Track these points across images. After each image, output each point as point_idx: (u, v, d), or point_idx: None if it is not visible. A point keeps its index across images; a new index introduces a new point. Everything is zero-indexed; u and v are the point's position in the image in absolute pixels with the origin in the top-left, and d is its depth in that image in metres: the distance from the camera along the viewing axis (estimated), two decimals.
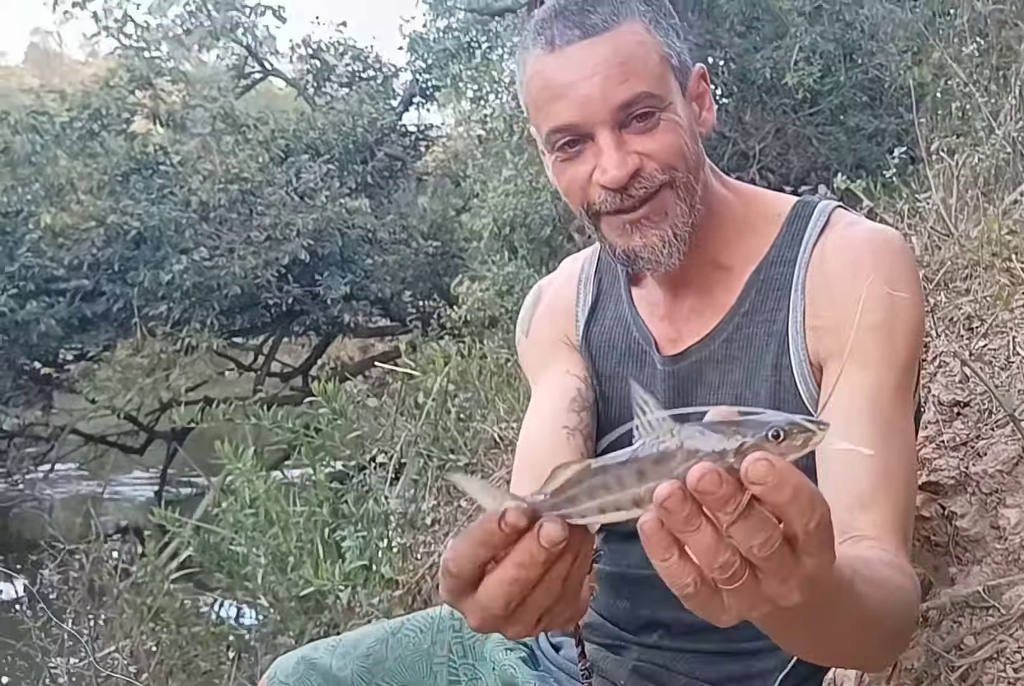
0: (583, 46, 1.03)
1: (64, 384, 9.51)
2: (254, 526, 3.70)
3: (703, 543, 0.59)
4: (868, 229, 1.12)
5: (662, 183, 1.06)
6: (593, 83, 1.02)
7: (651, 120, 1.04)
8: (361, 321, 9.99)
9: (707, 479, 0.57)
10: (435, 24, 10.68)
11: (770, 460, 0.57)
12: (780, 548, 0.60)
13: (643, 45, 1.04)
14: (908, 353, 1.04)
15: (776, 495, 0.58)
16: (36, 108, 9.83)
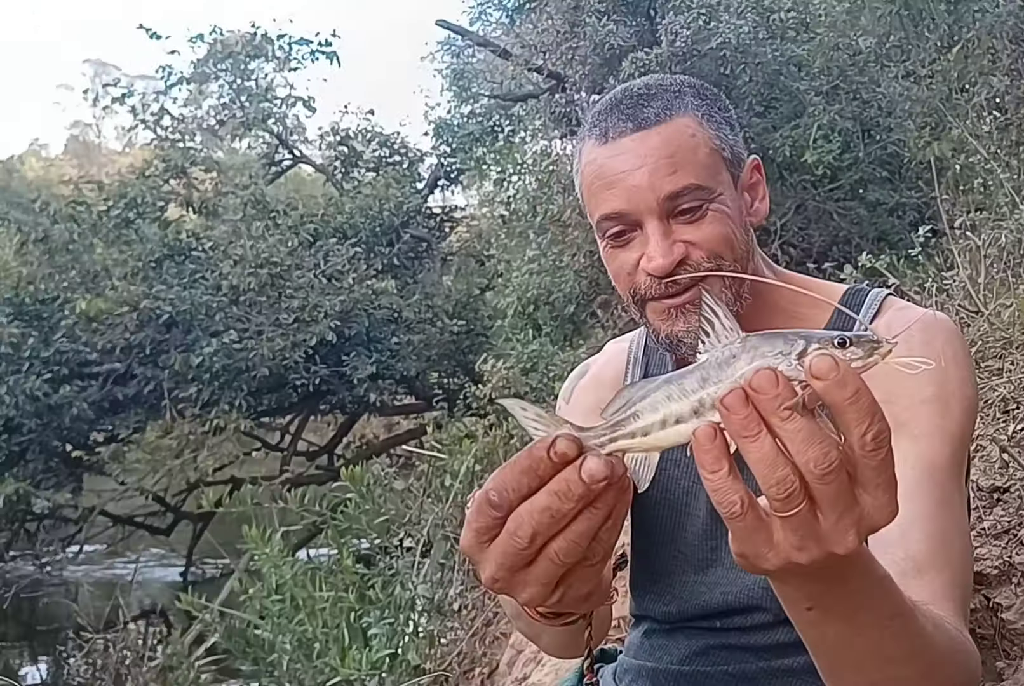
0: (634, 138, 1.06)
1: (94, 466, 9.56)
2: (280, 612, 3.65)
3: (761, 452, 0.58)
4: (918, 311, 1.14)
5: (708, 271, 1.07)
6: (642, 173, 1.04)
7: (698, 211, 1.06)
8: (386, 399, 10.01)
9: (762, 377, 0.57)
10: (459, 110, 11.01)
11: (834, 357, 0.57)
12: (838, 469, 0.58)
13: (694, 138, 1.06)
14: (961, 426, 1.03)
15: (837, 392, 0.57)
16: (75, 198, 10.16)
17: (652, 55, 6.12)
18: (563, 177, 6.65)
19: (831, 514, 0.59)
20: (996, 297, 2.42)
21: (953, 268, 2.88)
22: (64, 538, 9.78)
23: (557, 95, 8.05)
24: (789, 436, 0.58)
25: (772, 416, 0.57)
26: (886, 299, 1.14)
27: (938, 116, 5.33)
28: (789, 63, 6.23)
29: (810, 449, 0.58)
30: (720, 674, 1.15)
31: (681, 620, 1.17)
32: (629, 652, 1.26)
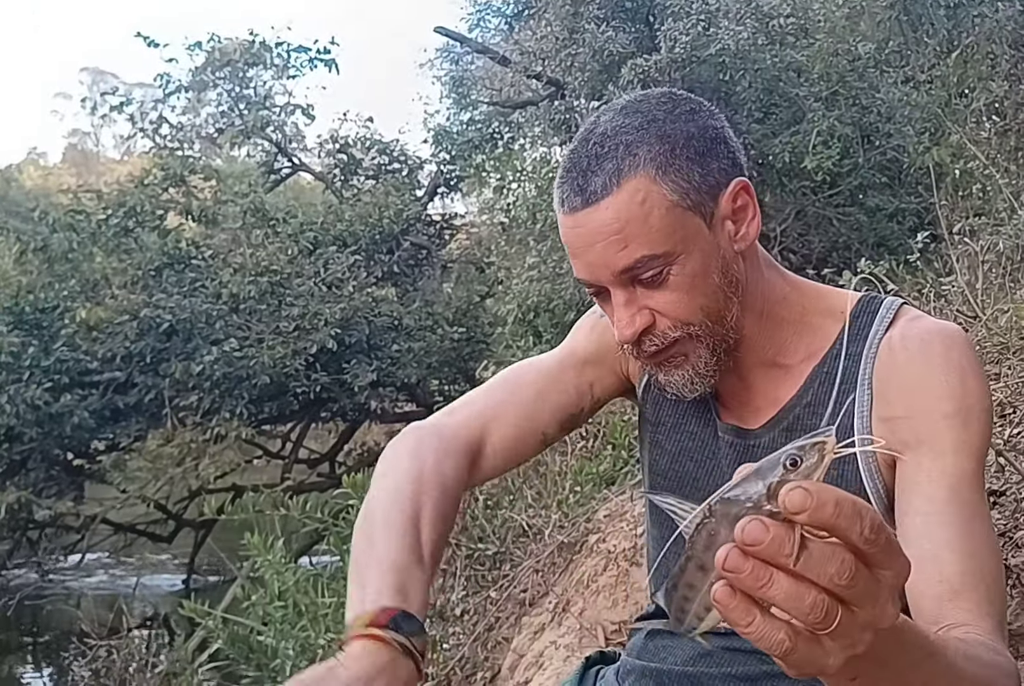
0: (585, 214, 1.04)
1: (95, 474, 9.57)
2: (283, 618, 3.64)
3: (784, 592, 0.58)
4: (933, 322, 1.13)
5: (674, 339, 1.08)
6: (595, 251, 1.04)
7: (659, 278, 1.05)
8: (387, 407, 10.02)
9: (751, 529, 0.57)
10: (458, 117, 11.04)
11: (802, 485, 0.57)
12: (859, 570, 0.58)
13: (644, 204, 1.03)
14: (982, 439, 1.04)
15: (821, 514, 0.57)
16: (74, 207, 10.17)
17: (651, 61, 6.15)
18: None
19: (866, 603, 0.59)
20: (994, 302, 2.43)
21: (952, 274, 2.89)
22: (66, 546, 9.80)
23: (556, 102, 8.08)
24: (802, 567, 0.58)
25: (780, 558, 0.57)
26: (901, 308, 1.13)
27: (937, 122, 5.35)
28: (788, 69, 6.26)
29: (827, 567, 0.58)
30: (724, 676, 1.16)
31: None
32: (632, 653, 1.26)
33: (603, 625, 2.61)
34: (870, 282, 2.85)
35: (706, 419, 1.20)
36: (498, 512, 3.67)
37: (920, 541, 0.95)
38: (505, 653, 2.95)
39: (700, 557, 0.61)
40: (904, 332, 1.09)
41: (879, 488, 1.06)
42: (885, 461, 1.06)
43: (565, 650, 2.63)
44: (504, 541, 3.42)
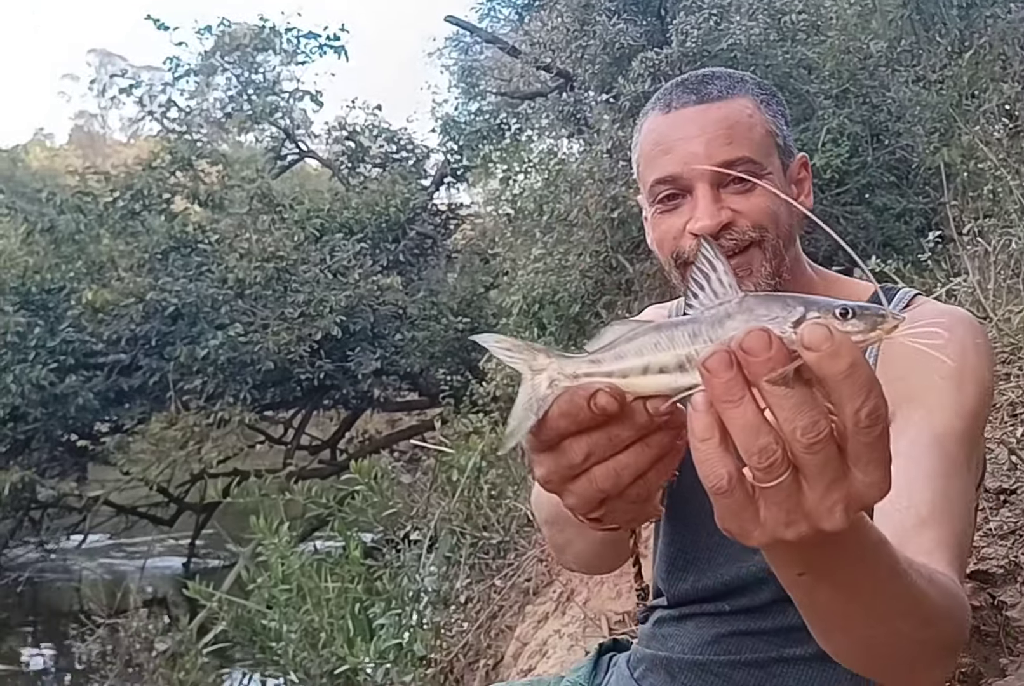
0: (696, 110, 1.12)
1: (99, 456, 9.60)
2: (287, 602, 3.69)
3: (744, 419, 0.54)
4: (941, 305, 1.19)
5: (752, 240, 1.12)
6: (699, 141, 1.11)
7: (748, 184, 1.11)
8: (390, 395, 10.05)
9: (754, 337, 0.53)
10: (466, 107, 11.03)
11: (829, 327, 0.53)
12: (826, 443, 0.54)
13: (751, 117, 1.13)
14: (975, 404, 1.06)
15: (830, 364, 0.53)
16: (81, 189, 10.18)
17: (662, 55, 6.14)
18: (570, 176, 6.66)
19: (817, 486, 0.56)
20: (1005, 303, 2.45)
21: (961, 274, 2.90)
22: (68, 527, 9.84)
23: (565, 94, 8.07)
24: (776, 402, 0.54)
25: (760, 380, 0.54)
26: (914, 298, 1.18)
27: (948, 122, 5.34)
28: (799, 66, 6.25)
29: (798, 417, 0.54)
30: (732, 663, 1.17)
31: (693, 599, 1.20)
32: (642, 641, 1.29)
33: (607, 615, 2.64)
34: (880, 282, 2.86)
35: None
36: (503, 501, 3.70)
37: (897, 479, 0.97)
38: (509, 641, 2.99)
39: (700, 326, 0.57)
40: (913, 313, 1.13)
41: None
42: None
43: (569, 639, 2.66)
44: (509, 530, 3.46)
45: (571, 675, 1.37)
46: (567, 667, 2.27)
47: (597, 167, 6.27)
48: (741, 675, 1.16)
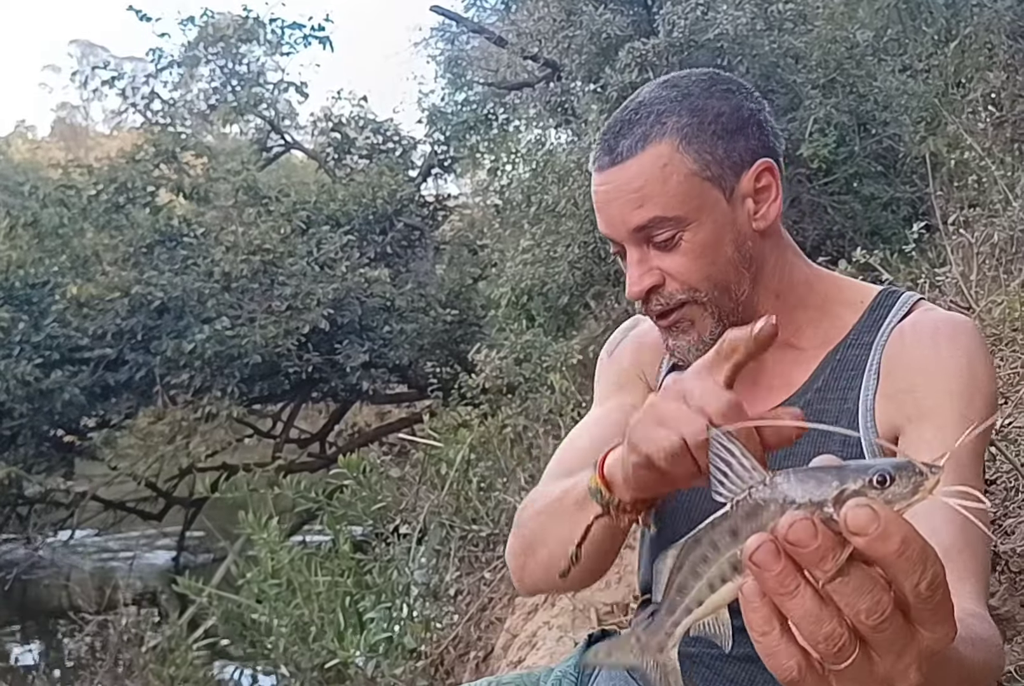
0: (610, 172, 1.11)
1: (86, 451, 9.57)
2: (277, 596, 3.68)
3: (803, 609, 0.53)
4: (945, 312, 1.17)
5: (679, 302, 1.12)
6: (614, 207, 1.11)
7: (670, 241, 1.10)
8: (379, 388, 10.04)
9: (799, 528, 0.52)
10: (453, 97, 10.99)
11: (873, 506, 0.52)
12: (892, 616, 0.53)
13: (666, 167, 1.09)
14: (985, 417, 1.05)
15: (881, 546, 0.52)
16: (64, 182, 10.10)
17: (649, 45, 6.12)
18: (558, 167, 6.65)
19: (888, 656, 0.54)
20: (988, 294, 2.46)
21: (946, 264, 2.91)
22: (56, 522, 9.81)
23: (552, 84, 8.04)
24: (834, 588, 0.53)
25: (815, 570, 0.52)
26: (917, 302, 1.17)
27: (934, 111, 5.35)
28: (786, 55, 6.24)
29: (859, 600, 0.52)
30: (724, 656, 1.15)
31: None
32: None
33: (596, 607, 2.65)
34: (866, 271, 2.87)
35: None
36: (492, 494, 3.71)
37: None
38: (498, 633, 2.99)
39: (737, 522, 0.56)
40: (915, 320, 1.13)
41: None
42: (888, 440, 1.08)
43: (558, 630, 2.67)
44: (498, 523, 3.46)
45: (561, 666, 1.37)
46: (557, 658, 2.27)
47: (584, 158, 6.25)
48: (732, 669, 1.17)
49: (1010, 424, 1.56)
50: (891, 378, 1.10)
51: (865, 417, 1.10)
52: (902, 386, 1.07)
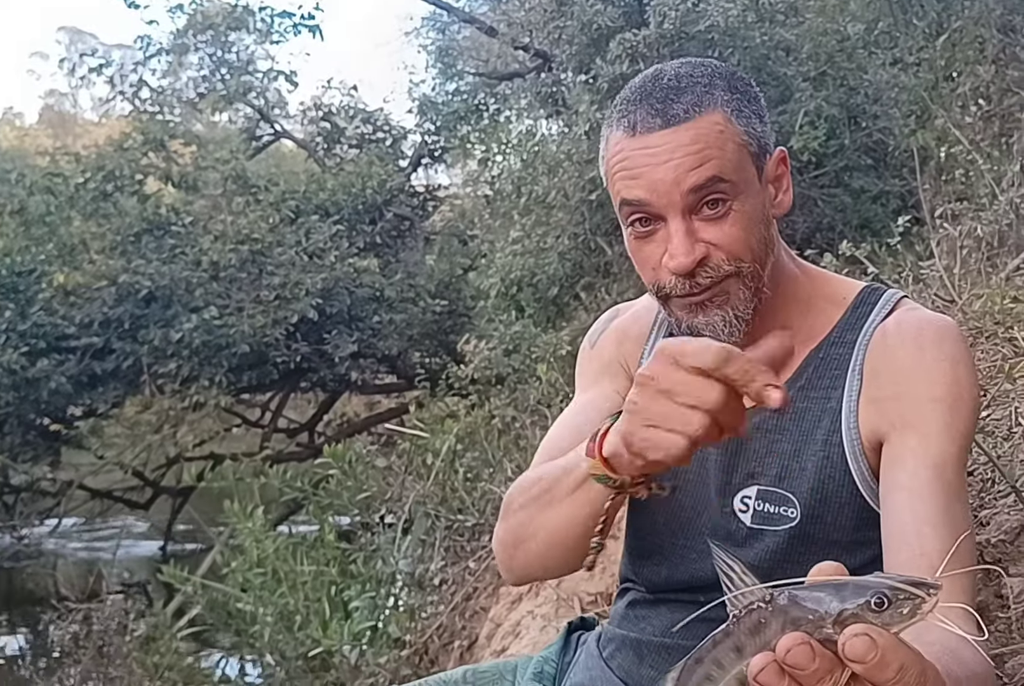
0: (663, 135, 1.06)
1: (72, 440, 9.54)
2: (262, 585, 3.69)
3: None
4: (929, 313, 1.16)
5: (727, 274, 1.08)
6: (667, 168, 1.05)
7: (721, 207, 1.06)
8: (368, 378, 10.03)
9: (797, 652, 0.53)
10: (444, 87, 10.95)
11: (871, 635, 0.52)
12: None
13: (722, 134, 1.07)
14: (967, 426, 1.06)
15: (879, 674, 0.52)
16: (51, 169, 10.04)
17: (640, 36, 6.10)
18: (548, 158, 6.64)
19: None
20: (971, 287, 2.47)
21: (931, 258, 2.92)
22: (42, 511, 9.79)
23: (543, 74, 8.02)
24: None
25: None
26: (900, 300, 1.16)
27: (923, 105, 5.35)
28: (777, 48, 6.23)
29: None
30: None
31: (667, 589, 1.20)
32: (613, 621, 1.29)
33: (580, 596, 2.66)
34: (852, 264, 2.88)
35: None
36: (478, 485, 3.71)
37: (903, 515, 0.99)
38: (483, 622, 3.00)
39: (741, 639, 0.57)
40: (899, 320, 1.12)
41: (863, 471, 1.08)
42: (870, 444, 1.08)
43: (542, 619, 2.68)
44: (483, 513, 3.47)
45: (542, 653, 1.38)
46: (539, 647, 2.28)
47: (575, 149, 6.25)
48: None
49: (987, 417, 1.57)
50: (875, 382, 1.09)
51: (848, 419, 1.10)
52: (887, 392, 1.07)
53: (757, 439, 1.15)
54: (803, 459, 1.11)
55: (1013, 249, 2.89)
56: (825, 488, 1.09)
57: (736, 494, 1.15)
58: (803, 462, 1.11)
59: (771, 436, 1.14)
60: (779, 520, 1.11)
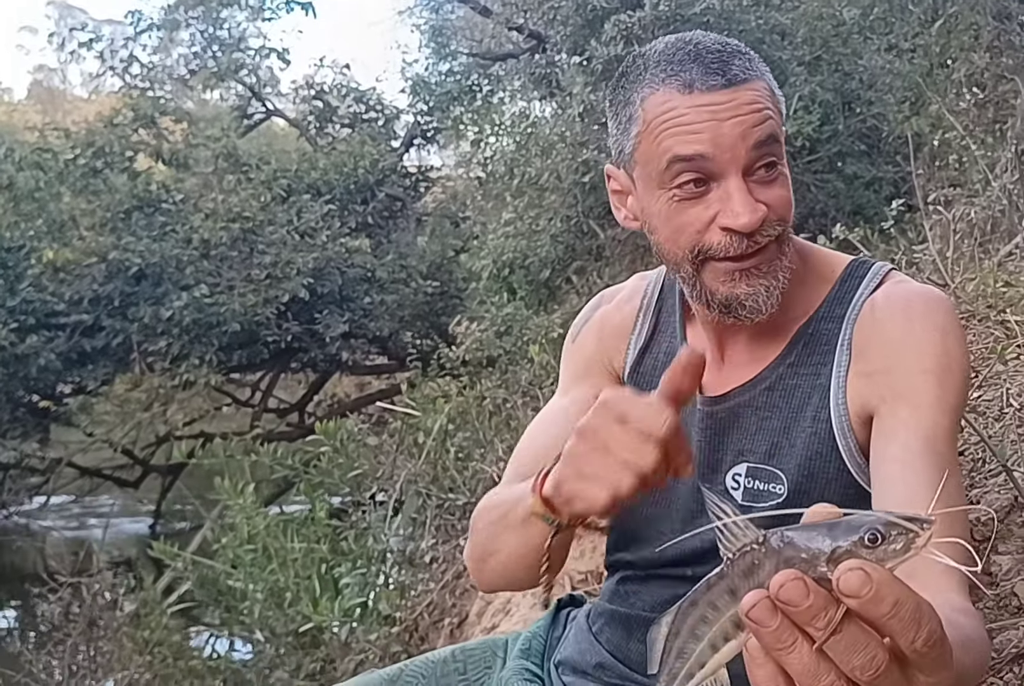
0: (725, 92, 1.04)
1: (62, 417, 9.52)
2: (252, 562, 3.70)
3: (801, 664, 0.54)
4: (918, 285, 1.15)
5: (777, 235, 1.07)
6: (732, 124, 1.03)
7: (774, 170, 1.06)
8: (359, 359, 10.03)
9: (790, 588, 0.52)
10: (437, 67, 10.88)
11: (865, 569, 0.52)
12: (887, 670, 0.54)
13: (771, 98, 1.07)
14: (957, 398, 1.05)
15: (874, 609, 0.52)
16: (40, 145, 9.97)
17: (635, 18, 6.08)
18: (541, 140, 6.62)
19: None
20: (963, 271, 2.48)
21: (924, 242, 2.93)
22: (31, 488, 9.77)
23: (537, 56, 7.99)
24: (829, 645, 0.54)
25: (809, 628, 0.53)
26: (889, 273, 1.16)
27: (918, 91, 5.35)
28: (772, 31, 6.22)
29: (854, 657, 0.53)
30: None
31: (657, 565, 1.20)
32: (603, 597, 1.29)
33: (570, 575, 2.67)
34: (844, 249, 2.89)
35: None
36: (469, 464, 3.72)
37: (896, 487, 0.99)
38: (473, 600, 3.02)
39: (735, 581, 0.57)
40: (888, 293, 1.12)
41: (851, 447, 1.08)
42: (859, 419, 1.08)
43: (532, 597, 2.70)
44: (475, 492, 3.48)
45: (530, 629, 1.38)
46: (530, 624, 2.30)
47: (569, 131, 6.23)
48: None
49: (979, 397, 1.59)
50: (864, 356, 1.08)
51: (837, 395, 1.09)
52: (876, 366, 1.07)
53: (746, 417, 1.15)
54: (792, 436, 1.11)
55: (1005, 235, 2.91)
56: (812, 464, 1.09)
57: (728, 472, 1.15)
58: (792, 439, 1.11)
59: (761, 413, 1.14)
60: (767, 496, 1.11)
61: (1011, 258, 2.60)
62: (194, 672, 3.78)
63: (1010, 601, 1.27)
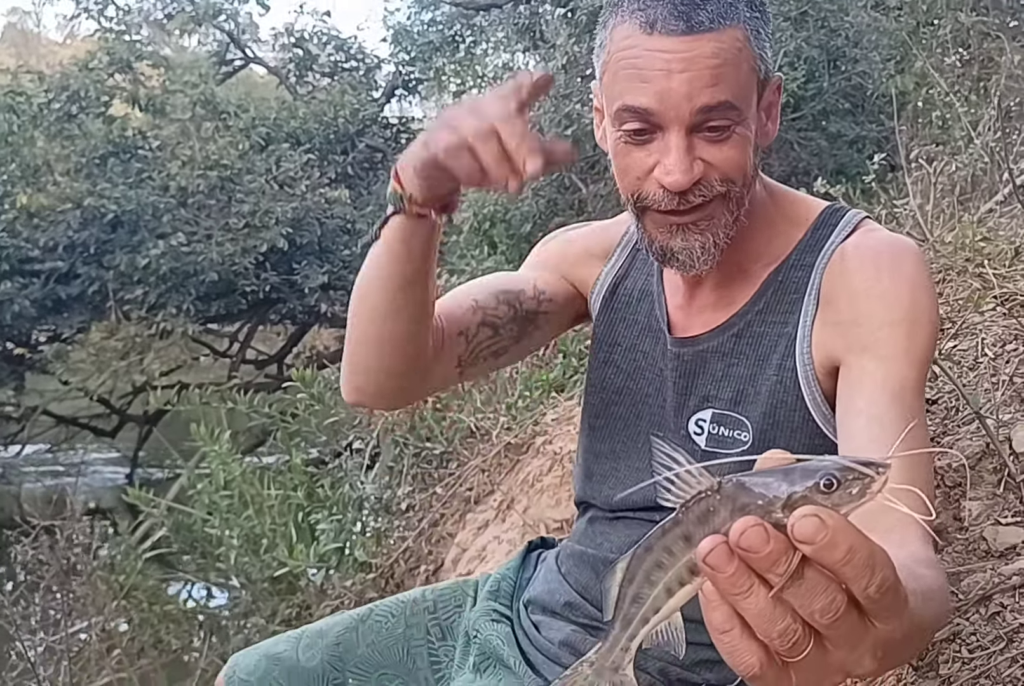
0: (684, 40, 0.99)
1: (37, 365, 9.45)
2: (228, 508, 3.71)
3: (757, 608, 0.54)
4: (888, 235, 1.13)
5: (717, 194, 1.05)
6: (683, 79, 0.99)
7: (725, 132, 1.02)
8: (338, 311, 9.99)
9: (751, 535, 0.52)
10: (420, 17, 10.69)
11: (820, 516, 0.52)
12: (846, 614, 0.54)
13: (740, 52, 1.01)
14: (925, 351, 1.04)
15: (828, 555, 0.52)
16: (13, 88, 9.75)
17: None
18: None
19: (843, 646, 0.56)
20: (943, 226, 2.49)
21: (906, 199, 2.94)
22: (6, 436, 9.73)
23: (521, 6, 7.86)
24: (790, 592, 0.54)
25: (767, 574, 0.53)
26: (862, 221, 1.14)
27: (904, 49, 5.32)
28: None
29: (812, 601, 0.54)
30: None
31: (625, 508, 1.20)
32: (573, 538, 1.30)
33: (546, 522, 2.70)
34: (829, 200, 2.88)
35: (657, 338, 1.21)
36: (447, 414, 3.73)
37: (861, 440, 0.98)
38: (449, 547, 3.05)
39: (689, 528, 0.56)
40: (858, 242, 1.10)
41: (816, 396, 1.08)
42: (824, 369, 1.08)
43: (507, 544, 2.72)
44: (452, 442, 3.49)
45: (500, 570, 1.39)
46: None
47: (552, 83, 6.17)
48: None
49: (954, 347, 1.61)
50: (831, 306, 1.07)
51: (802, 344, 1.09)
52: (843, 316, 1.06)
53: (713, 363, 1.15)
54: (758, 383, 1.11)
55: (986, 193, 2.92)
56: (777, 412, 1.10)
57: (691, 417, 1.15)
58: (758, 386, 1.11)
59: (727, 360, 1.14)
60: (732, 443, 1.12)
61: (991, 215, 2.61)
62: (170, 617, 3.81)
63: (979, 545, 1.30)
